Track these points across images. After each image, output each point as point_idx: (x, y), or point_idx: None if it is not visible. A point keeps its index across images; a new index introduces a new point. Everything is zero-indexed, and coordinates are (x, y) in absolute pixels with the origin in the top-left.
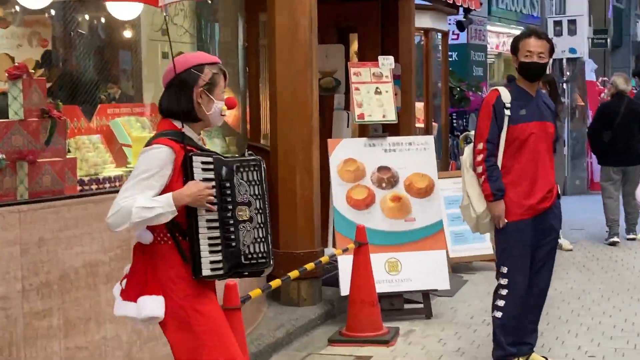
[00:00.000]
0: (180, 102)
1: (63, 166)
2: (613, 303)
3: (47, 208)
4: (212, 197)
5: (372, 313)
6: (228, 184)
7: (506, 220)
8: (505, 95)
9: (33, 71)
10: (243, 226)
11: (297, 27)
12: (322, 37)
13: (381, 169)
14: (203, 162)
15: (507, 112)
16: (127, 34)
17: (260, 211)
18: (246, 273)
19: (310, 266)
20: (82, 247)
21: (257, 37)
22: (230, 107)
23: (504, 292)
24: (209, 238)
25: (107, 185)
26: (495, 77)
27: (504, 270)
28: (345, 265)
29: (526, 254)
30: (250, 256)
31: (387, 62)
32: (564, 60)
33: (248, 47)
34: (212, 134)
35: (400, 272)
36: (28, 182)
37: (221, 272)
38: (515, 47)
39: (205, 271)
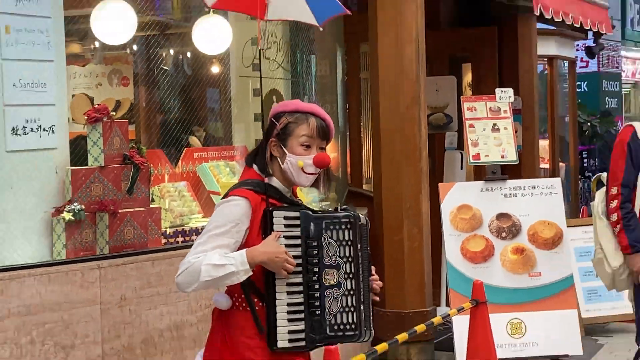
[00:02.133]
0: (257, 153)
1: (146, 217)
2: None
3: (130, 263)
4: (291, 261)
5: None
6: (315, 243)
7: None
8: None
9: (114, 113)
10: (330, 292)
11: (402, 58)
12: (431, 68)
13: (501, 216)
14: (286, 217)
15: None
16: (215, 69)
17: (352, 276)
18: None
19: (420, 328)
20: (167, 307)
21: (358, 70)
22: (319, 166)
23: None
24: (289, 304)
25: (194, 237)
26: (631, 110)
27: None
28: (460, 327)
29: None
30: (336, 327)
31: (505, 95)
32: None
33: (348, 82)
34: None
35: (525, 334)
36: (109, 234)
37: (303, 343)
38: None
39: (282, 342)
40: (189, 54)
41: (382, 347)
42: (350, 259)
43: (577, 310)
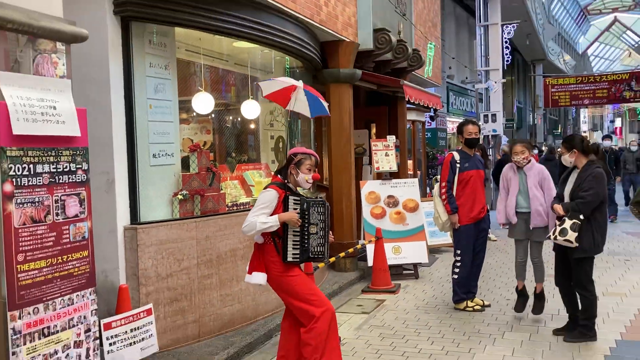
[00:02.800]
0: (284, 170)
1: (218, 197)
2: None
3: (211, 220)
4: (299, 220)
5: (385, 276)
6: (307, 213)
7: (459, 225)
8: (457, 156)
9: (203, 147)
10: (312, 236)
11: (342, 121)
12: (357, 125)
13: (389, 196)
14: (294, 200)
15: (458, 165)
16: (252, 125)
17: (322, 228)
18: (312, 261)
19: (350, 250)
20: (228, 240)
21: (322, 127)
22: (315, 180)
23: (458, 264)
24: (293, 242)
25: (242, 207)
26: (452, 146)
27: (458, 252)
28: (370, 250)
29: (470, 243)
30: (314, 253)
31: (391, 138)
32: (490, 136)
33: (316, 132)
34: None
35: (401, 253)
36: (200, 206)
37: (298, 259)
38: (460, 130)
39: (289, 258)
40: (239, 118)
41: (332, 259)
42: (322, 221)
43: (425, 242)
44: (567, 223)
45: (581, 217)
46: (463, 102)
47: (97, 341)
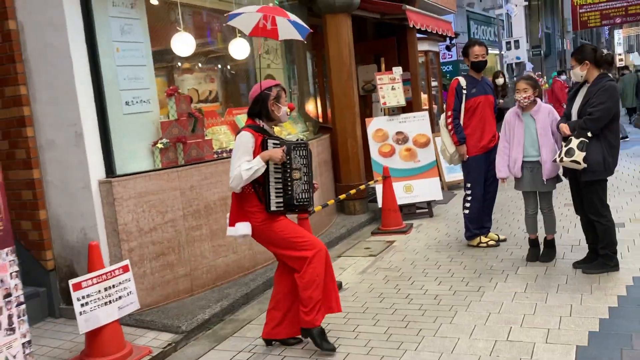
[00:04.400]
0: (261, 110)
1: (203, 144)
2: None
3: (194, 168)
4: (283, 155)
5: (395, 216)
6: (289, 157)
7: (467, 156)
8: (462, 81)
9: (180, 91)
10: (296, 182)
11: (341, 55)
12: (365, 61)
13: (398, 132)
14: (274, 143)
15: (464, 91)
16: (244, 69)
17: (306, 173)
18: (297, 210)
19: (352, 192)
20: (216, 189)
21: (321, 64)
22: (290, 109)
23: (468, 198)
24: (275, 189)
25: (231, 153)
26: None
27: (468, 185)
28: (379, 190)
29: (481, 175)
30: (299, 200)
31: (397, 71)
32: (513, 64)
33: (317, 71)
34: (297, 120)
35: (413, 191)
36: (183, 154)
37: (282, 208)
38: (465, 52)
39: (272, 207)
40: (230, 62)
41: (342, 196)
42: (305, 165)
43: (439, 178)
44: (574, 142)
45: (589, 134)
46: (486, 31)
47: (23, 306)
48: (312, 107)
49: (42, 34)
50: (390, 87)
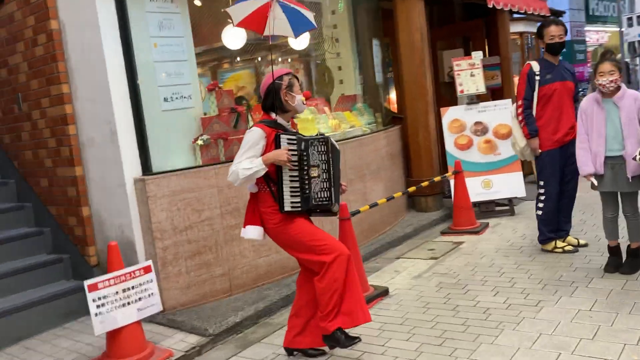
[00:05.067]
0: (274, 101)
1: None
2: None
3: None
4: (288, 156)
5: (468, 215)
6: (305, 153)
7: (539, 150)
8: (535, 66)
9: (221, 86)
10: (313, 180)
11: (412, 41)
12: (452, 44)
13: (477, 123)
14: (289, 139)
15: (537, 77)
16: (305, 60)
17: (325, 171)
18: (318, 210)
19: (425, 183)
20: None
21: (388, 51)
22: (306, 98)
23: (542, 197)
24: (291, 188)
25: None
26: (592, 61)
27: (542, 183)
28: (454, 185)
29: (556, 172)
30: (318, 200)
31: (477, 55)
32: (636, 42)
33: (385, 59)
34: (362, 111)
35: (492, 187)
36: (224, 151)
37: (299, 208)
38: (540, 33)
39: (287, 207)
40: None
41: (412, 189)
42: (324, 161)
43: (522, 172)
44: None
45: None
46: (607, 6)
47: None
48: (386, 97)
49: (80, 32)
50: (469, 74)
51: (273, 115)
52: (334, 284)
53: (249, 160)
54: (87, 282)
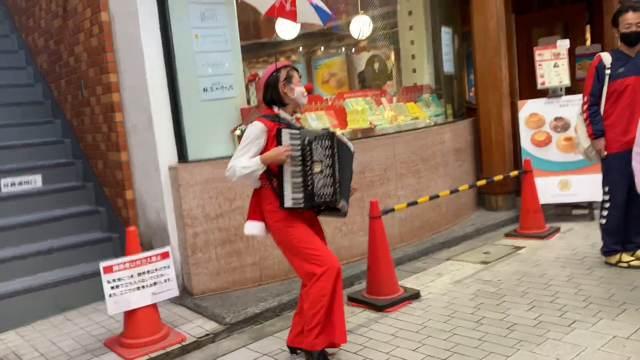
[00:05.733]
0: (272, 95)
1: None
2: None
3: None
4: (289, 154)
5: (536, 218)
6: (309, 148)
7: (605, 152)
8: (606, 58)
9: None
10: (317, 176)
11: (487, 28)
12: (550, 31)
13: (557, 118)
14: (291, 134)
15: (607, 71)
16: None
17: (329, 166)
18: (322, 207)
19: (498, 178)
20: None
21: (463, 40)
22: (308, 90)
23: (606, 205)
24: (293, 184)
25: None
26: None
27: (606, 189)
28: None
29: (624, 177)
30: (321, 196)
31: (562, 44)
32: None
33: (459, 48)
34: (428, 102)
35: (570, 189)
36: None
37: (301, 205)
38: (615, 20)
39: (288, 203)
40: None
41: (481, 182)
42: (329, 157)
43: None
44: None
45: None
46: None
47: None
48: (462, 88)
49: (125, 23)
50: (553, 64)
51: (275, 109)
52: (321, 299)
53: (247, 157)
54: (102, 264)
